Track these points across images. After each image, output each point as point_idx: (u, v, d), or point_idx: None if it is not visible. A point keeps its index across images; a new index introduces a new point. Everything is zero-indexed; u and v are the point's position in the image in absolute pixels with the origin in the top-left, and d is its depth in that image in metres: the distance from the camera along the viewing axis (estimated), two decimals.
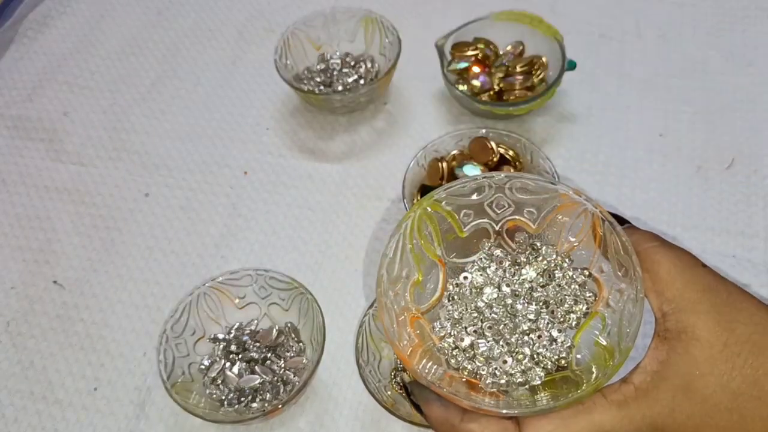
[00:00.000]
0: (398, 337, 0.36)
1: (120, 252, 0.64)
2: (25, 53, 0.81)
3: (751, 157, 0.66)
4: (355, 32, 0.74)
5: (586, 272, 0.38)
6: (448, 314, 0.38)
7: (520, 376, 0.35)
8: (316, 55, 0.75)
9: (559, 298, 0.37)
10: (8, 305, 0.61)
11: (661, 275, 0.31)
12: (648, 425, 0.28)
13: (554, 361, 0.36)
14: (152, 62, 0.79)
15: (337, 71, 0.73)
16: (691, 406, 0.28)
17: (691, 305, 0.29)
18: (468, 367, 0.36)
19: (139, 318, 0.60)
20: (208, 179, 0.68)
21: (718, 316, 0.28)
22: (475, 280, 0.38)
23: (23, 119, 0.75)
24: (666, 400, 0.28)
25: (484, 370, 0.36)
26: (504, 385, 0.35)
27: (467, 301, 0.38)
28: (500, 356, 0.36)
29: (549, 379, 0.35)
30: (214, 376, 0.54)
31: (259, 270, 0.56)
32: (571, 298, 0.37)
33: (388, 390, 0.52)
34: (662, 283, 0.30)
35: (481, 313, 0.37)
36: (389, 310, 0.37)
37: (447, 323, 0.38)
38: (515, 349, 0.36)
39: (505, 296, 0.37)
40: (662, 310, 0.30)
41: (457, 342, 0.37)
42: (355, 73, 0.72)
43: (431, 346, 0.37)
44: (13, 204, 0.68)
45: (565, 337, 0.36)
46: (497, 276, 0.38)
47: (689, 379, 0.28)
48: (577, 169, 0.66)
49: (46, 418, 0.55)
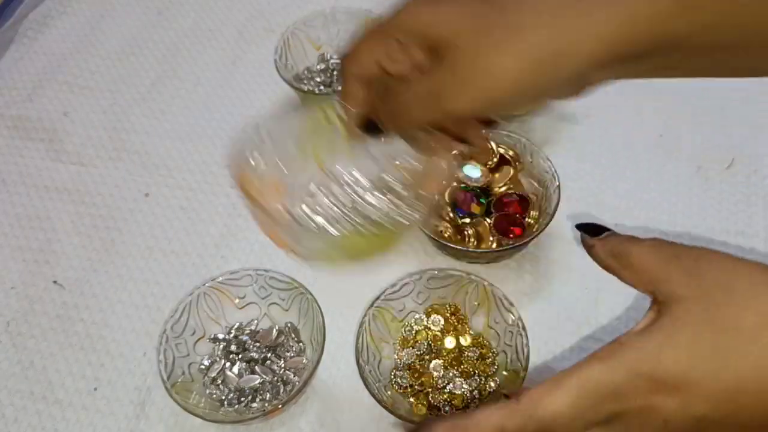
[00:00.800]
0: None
1: (120, 252, 0.64)
2: (25, 53, 0.81)
3: (751, 157, 0.66)
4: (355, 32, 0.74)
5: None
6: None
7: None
8: (316, 55, 0.75)
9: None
10: (8, 305, 0.61)
11: (636, 265, 0.34)
12: (635, 374, 0.30)
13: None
14: (152, 62, 0.79)
15: (337, 71, 0.73)
16: (675, 353, 0.30)
17: (666, 275, 0.32)
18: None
19: (139, 318, 0.60)
20: (208, 179, 0.68)
21: (689, 272, 0.32)
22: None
23: (23, 119, 0.75)
24: (650, 349, 0.30)
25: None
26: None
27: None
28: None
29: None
30: (214, 376, 0.54)
31: (259, 270, 0.56)
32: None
33: (388, 390, 0.52)
34: (640, 271, 0.33)
35: None
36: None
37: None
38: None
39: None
40: (649, 292, 0.33)
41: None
42: None
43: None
44: (13, 204, 0.68)
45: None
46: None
47: (672, 330, 0.30)
48: (576, 169, 0.66)
49: (46, 418, 0.55)
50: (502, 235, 0.58)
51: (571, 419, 0.31)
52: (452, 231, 0.59)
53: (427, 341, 0.55)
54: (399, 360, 0.55)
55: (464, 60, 0.34)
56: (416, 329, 0.56)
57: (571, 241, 0.61)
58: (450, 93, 0.35)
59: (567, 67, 0.33)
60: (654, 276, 0.33)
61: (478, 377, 0.53)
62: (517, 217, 0.59)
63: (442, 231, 0.59)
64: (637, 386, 0.30)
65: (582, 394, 0.31)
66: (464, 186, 0.61)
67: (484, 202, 0.61)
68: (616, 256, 0.35)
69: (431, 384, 0.53)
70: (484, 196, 0.61)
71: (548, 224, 0.57)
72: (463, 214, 0.60)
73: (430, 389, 0.53)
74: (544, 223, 0.57)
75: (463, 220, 0.60)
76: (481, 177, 0.61)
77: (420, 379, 0.53)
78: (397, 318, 0.56)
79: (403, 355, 0.55)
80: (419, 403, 0.52)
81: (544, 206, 0.59)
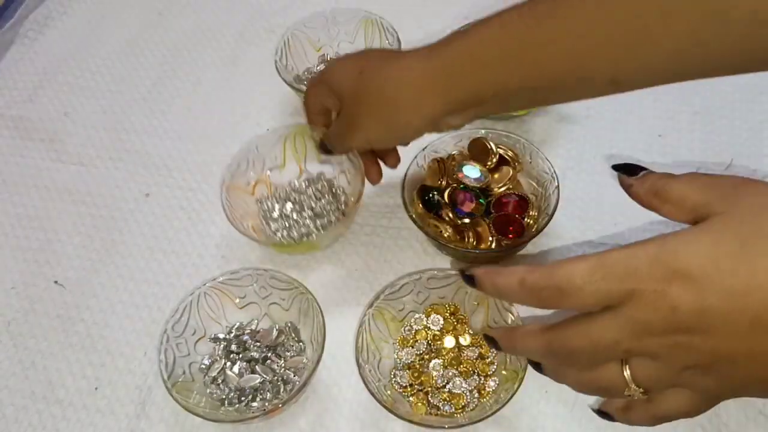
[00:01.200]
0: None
1: (120, 252, 0.64)
2: (25, 54, 0.81)
3: (750, 157, 0.66)
4: (355, 33, 0.74)
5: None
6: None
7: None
8: (317, 56, 0.75)
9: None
10: (9, 305, 0.61)
11: (676, 198, 0.36)
12: (655, 260, 0.32)
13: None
14: (153, 63, 0.79)
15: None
16: (698, 247, 0.32)
17: (705, 199, 0.35)
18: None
19: (139, 318, 0.60)
20: (208, 179, 0.68)
21: (726, 195, 0.34)
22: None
23: (24, 120, 0.75)
24: (674, 242, 0.33)
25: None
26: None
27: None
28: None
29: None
30: (215, 376, 0.54)
31: (259, 270, 0.56)
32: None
33: (388, 390, 0.53)
34: (680, 202, 0.36)
35: None
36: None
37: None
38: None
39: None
40: (690, 220, 0.35)
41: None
42: None
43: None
44: (13, 204, 0.68)
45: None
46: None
47: (699, 231, 0.33)
48: (576, 169, 0.66)
49: (47, 418, 0.55)
50: (502, 235, 0.58)
51: (584, 284, 0.33)
52: (452, 231, 0.59)
53: (426, 341, 0.55)
54: (399, 359, 0.55)
55: (348, 117, 0.53)
56: (416, 329, 0.56)
57: (570, 241, 0.61)
58: (344, 135, 0.55)
59: (409, 131, 0.51)
60: (694, 203, 0.35)
61: (477, 377, 0.53)
62: (516, 217, 0.60)
63: (441, 231, 0.59)
64: (654, 271, 0.32)
65: (599, 266, 0.33)
66: (463, 186, 0.61)
67: (483, 202, 0.61)
68: (656, 193, 0.38)
69: (431, 383, 0.53)
70: (483, 197, 0.61)
71: (547, 224, 0.57)
72: (462, 214, 0.60)
73: (430, 388, 0.53)
74: (543, 224, 0.57)
75: (462, 220, 0.60)
76: (481, 177, 0.61)
77: (419, 379, 0.53)
78: (397, 318, 0.56)
79: (403, 355, 0.55)
80: (419, 403, 0.52)
81: (543, 206, 0.60)
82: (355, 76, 0.51)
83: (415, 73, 0.48)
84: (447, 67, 0.46)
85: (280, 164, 0.65)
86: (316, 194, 0.64)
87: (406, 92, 0.48)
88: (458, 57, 0.46)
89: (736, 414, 0.51)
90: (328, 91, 0.55)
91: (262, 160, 0.64)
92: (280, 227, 0.62)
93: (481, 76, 0.45)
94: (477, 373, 0.53)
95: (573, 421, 0.52)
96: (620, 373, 0.36)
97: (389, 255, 0.62)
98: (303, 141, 0.65)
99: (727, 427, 0.50)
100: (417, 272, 0.55)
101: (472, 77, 0.46)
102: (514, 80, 0.45)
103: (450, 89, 0.47)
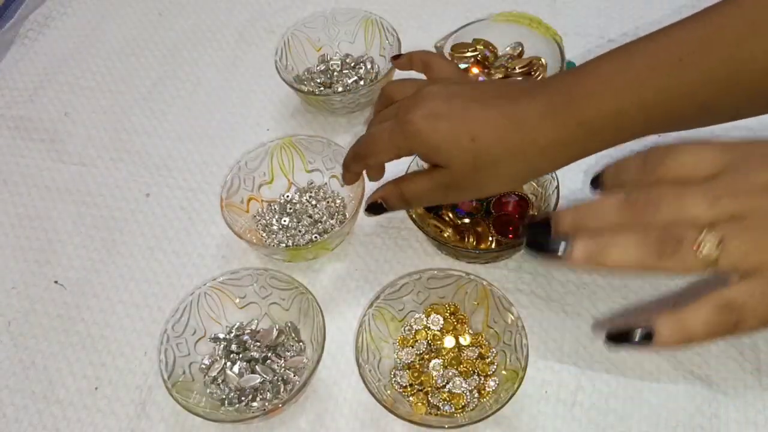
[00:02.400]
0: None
1: (121, 252, 0.64)
2: (26, 54, 0.81)
3: None
4: (355, 33, 0.74)
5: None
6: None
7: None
8: (317, 56, 0.75)
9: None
10: (9, 305, 0.61)
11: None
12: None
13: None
14: (153, 63, 0.79)
15: (337, 72, 0.73)
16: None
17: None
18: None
19: (140, 318, 0.60)
20: (208, 179, 0.68)
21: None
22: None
23: (24, 120, 0.75)
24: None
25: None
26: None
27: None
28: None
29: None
30: (215, 376, 0.54)
31: (259, 270, 0.56)
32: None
33: (388, 389, 0.53)
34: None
35: None
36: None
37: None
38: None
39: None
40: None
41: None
42: (355, 74, 0.72)
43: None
44: (14, 204, 0.68)
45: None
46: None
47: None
48: (576, 169, 0.66)
49: (47, 418, 0.55)
50: (501, 235, 0.58)
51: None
52: (451, 231, 0.59)
53: (426, 341, 0.56)
54: (398, 359, 0.55)
55: (450, 184, 0.48)
56: (416, 329, 0.56)
57: None
58: (433, 199, 0.51)
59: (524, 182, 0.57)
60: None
61: (477, 376, 0.53)
62: (516, 217, 0.60)
63: (441, 231, 0.59)
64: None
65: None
66: None
67: (483, 202, 0.61)
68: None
69: (431, 383, 0.53)
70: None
71: None
72: (462, 214, 0.60)
73: (430, 388, 0.53)
74: None
75: (462, 220, 0.60)
76: None
77: (419, 379, 0.53)
78: (397, 317, 0.56)
79: (403, 355, 0.55)
80: (419, 403, 0.52)
81: (543, 206, 0.60)
82: (466, 144, 0.45)
83: (544, 141, 0.44)
84: (585, 124, 0.43)
85: (269, 180, 0.65)
86: (311, 202, 0.64)
87: (524, 166, 0.46)
88: (599, 112, 0.43)
89: (735, 414, 0.51)
90: (424, 152, 0.48)
91: (252, 177, 0.63)
92: (284, 239, 0.62)
93: (626, 133, 0.45)
94: (477, 373, 0.53)
95: (573, 421, 0.52)
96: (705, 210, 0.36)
97: (389, 255, 0.62)
98: (289, 153, 0.64)
99: (726, 427, 0.50)
100: (417, 272, 0.56)
101: (618, 134, 0.45)
102: (653, 129, 0.46)
103: (587, 149, 0.46)
